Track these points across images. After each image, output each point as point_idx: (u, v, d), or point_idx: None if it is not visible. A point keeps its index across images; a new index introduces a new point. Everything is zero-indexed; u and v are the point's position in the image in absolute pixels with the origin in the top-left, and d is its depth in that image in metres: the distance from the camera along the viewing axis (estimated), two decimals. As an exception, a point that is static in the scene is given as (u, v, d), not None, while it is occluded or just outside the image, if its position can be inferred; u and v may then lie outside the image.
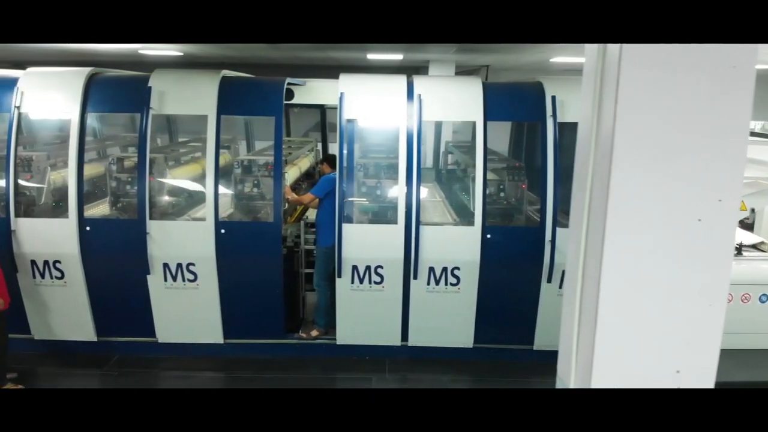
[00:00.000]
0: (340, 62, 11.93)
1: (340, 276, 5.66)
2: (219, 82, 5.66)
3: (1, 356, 5.22)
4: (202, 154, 5.87)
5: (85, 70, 5.74)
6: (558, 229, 5.55)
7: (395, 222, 5.61)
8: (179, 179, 6.39)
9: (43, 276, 5.66)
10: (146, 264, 5.58)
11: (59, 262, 5.61)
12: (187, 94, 5.71)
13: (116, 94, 5.81)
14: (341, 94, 5.58)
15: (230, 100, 5.67)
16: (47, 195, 5.86)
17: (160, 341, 5.96)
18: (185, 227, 5.71)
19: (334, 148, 6.64)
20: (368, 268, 5.67)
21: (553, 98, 5.62)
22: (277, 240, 5.70)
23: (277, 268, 5.75)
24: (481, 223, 5.58)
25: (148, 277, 5.66)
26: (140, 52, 9.98)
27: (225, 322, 5.90)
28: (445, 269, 5.69)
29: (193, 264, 5.65)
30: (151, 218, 5.55)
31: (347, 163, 5.63)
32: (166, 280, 5.68)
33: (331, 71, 7.15)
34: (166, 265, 5.64)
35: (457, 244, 5.65)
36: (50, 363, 5.89)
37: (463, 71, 13.25)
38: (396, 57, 10.28)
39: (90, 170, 6.08)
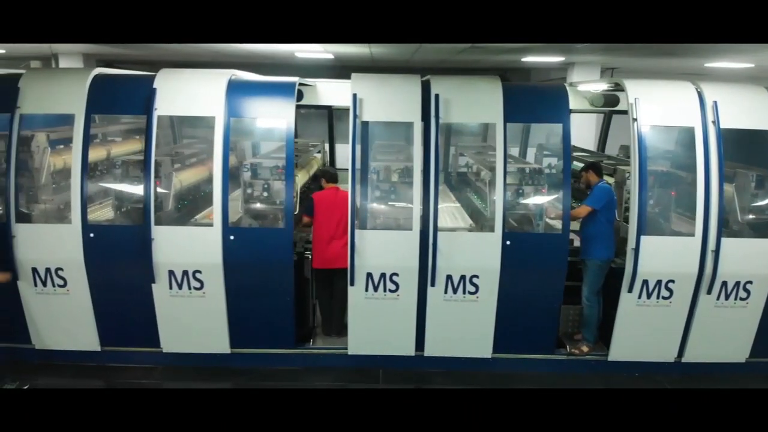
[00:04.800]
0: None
1: (630, 291, 5.41)
2: (502, 89, 5.44)
3: (341, 313, 5.87)
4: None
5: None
6: None
7: (692, 234, 5.37)
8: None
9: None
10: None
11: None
12: (471, 102, 5.48)
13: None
14: (635, 99, 5.34)
15: (515, 107, 5.44)
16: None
17: (426, 355, 5.74)
18: (473, 238, 5.49)
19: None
20: (659, 282, 5.42)
21: None
22: (564, 252, 5.46)
23: (561, 281, 5.52)
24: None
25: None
26: (296, 55, 9.78)
27: (497, 336, 5.66)
28: (738, 283, 5.45)
29: (476, 276, 5.43)
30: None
31: (642, 170, 5.33)
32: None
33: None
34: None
35: (753, 257, 5.40)
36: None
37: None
38: (556, 59, 10.06)
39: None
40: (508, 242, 5.38)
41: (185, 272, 5.39)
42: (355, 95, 5.34)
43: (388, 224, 5.61)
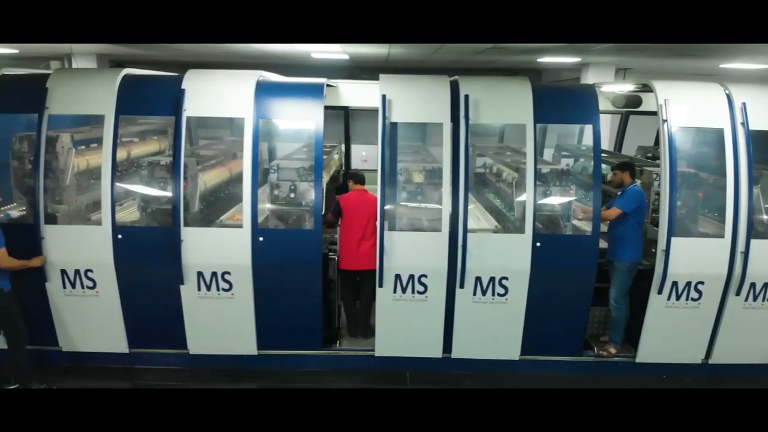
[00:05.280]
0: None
1: (660, 292, 5.41)
2: (531, 90, 5.43)
3: (367, 314, 5.94)
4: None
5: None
6: None
7: (722, 235, 5.36)
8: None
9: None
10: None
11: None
12: (501, 103, 5.48)
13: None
14: (665, 100, 5.33)
15: (544, 107, 5.43)
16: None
17: (453, 357, 5.74)
18: (502, 240, 5.50)
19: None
20: (688, 284, 5.42)
21: None
22: (594, 254, 5.45)
23: (590, 283, 5.51)
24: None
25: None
26: (312, 55, 9.77)
27: (525, 338, 5.66)
28: (766, 284, 5.44)
29: (506, 278, 5.42)
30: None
31: (672, 171, 5.31)
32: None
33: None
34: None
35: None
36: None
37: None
38: (572, 60, 10.05)
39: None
40: (538, 244, 5.37)
41: (214, 273, 5.38)
42: (384, 96, 5.32)
43: (417, 226, 5.60)
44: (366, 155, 9.74)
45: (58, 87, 5.38)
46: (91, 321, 5.53)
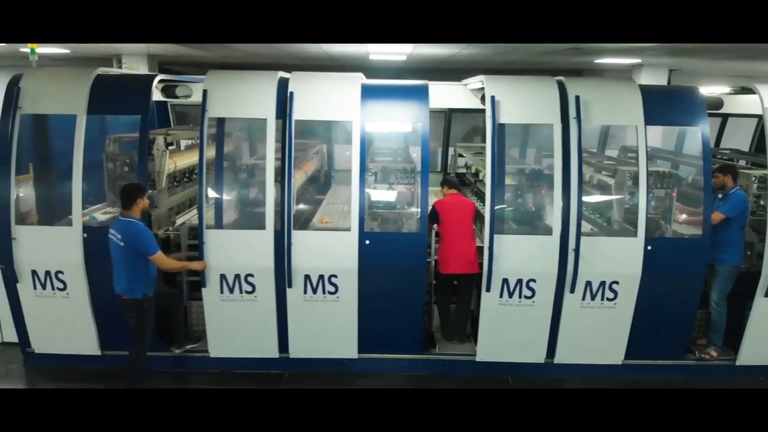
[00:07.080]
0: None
1: (766, 295, 5.37)
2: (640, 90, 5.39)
3: (465, 319, 5.82)
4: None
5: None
6: None
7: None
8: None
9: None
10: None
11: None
12: (610, 104, 5.44)
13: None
14: (771, 104, 5.29)
15: (653, 109, 5.37)
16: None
17: (555, 362, 5.69)
18: (613, 244, 5.44)
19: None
20: (795, 286, 5.39)
21: None
22: (704, 256, 5.40)
23: (699, 286, 5.47)
24: None
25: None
26: (371, 57, 9.70)
27: (630, 342, 5.60)
28: None
29: (616, 282, 5.37)
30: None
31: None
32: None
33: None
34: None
35: None
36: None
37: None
38: (630, 61, 9.98)
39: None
40: (649, 247, 5.31)
41: (321, 277, 5.33)
42: (492, 97, 5.26)
43: (526, 229, 5.54)
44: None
45: (217, 89, 5.28)
46: (245, 326, 5.49)
